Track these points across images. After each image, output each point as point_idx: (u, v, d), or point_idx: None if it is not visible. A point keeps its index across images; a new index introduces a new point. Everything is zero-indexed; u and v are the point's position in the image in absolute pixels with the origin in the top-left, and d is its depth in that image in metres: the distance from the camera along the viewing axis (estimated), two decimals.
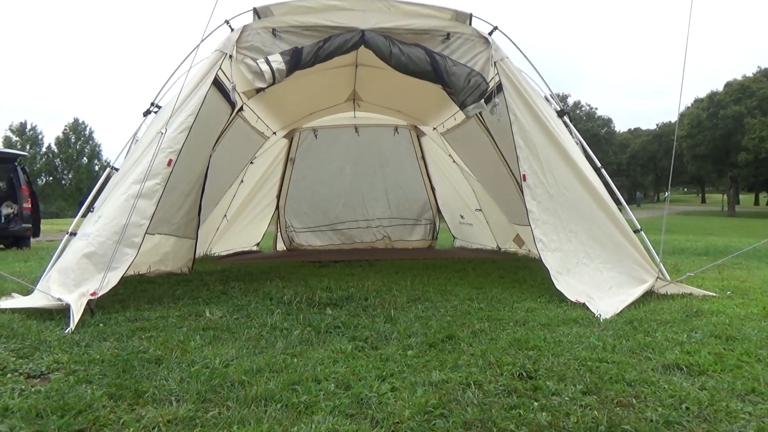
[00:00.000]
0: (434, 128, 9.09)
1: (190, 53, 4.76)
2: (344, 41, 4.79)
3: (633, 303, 4.25)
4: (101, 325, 3.50)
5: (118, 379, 2.45)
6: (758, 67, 53.58)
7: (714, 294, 4.72)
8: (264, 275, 6.08)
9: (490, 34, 5.01)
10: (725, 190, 51.90)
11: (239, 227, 9.71)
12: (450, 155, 9.49)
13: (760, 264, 7.69)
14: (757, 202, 73.67)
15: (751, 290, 4.96)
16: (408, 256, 8.54)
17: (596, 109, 76.78)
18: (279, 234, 10.31)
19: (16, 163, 12.52)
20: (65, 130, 64.11)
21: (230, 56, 4.76)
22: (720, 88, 50.45)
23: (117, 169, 4.87)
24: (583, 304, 4.18)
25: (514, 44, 5.15)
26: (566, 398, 2.25)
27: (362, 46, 4.84)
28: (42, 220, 13.17)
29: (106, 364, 2.68)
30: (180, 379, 2.44)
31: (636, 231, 5.01)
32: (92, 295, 3.78)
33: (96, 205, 4.68)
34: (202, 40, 4.63)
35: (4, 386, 2.38)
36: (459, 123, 7.91)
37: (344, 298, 4.51)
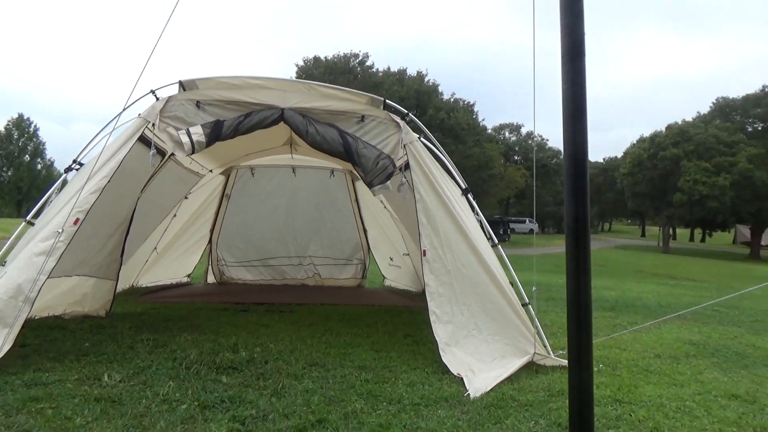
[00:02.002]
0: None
1: (113, 119, 5.00)
2: (264, 117, 5.12)
3: (512, 376, 4.70)
4: None
5: None
6: (697, 112, 56.82)
7: None
8: (180, 323, 6.28)
9: (403, 118, 5.44)
10: (661, 227, 54.37)
11: (170, 259, 9.82)
12: (381, 201, 9.90)
13: (658, 323, 8.26)
14: (692, 239, 77.49)
15: (621, 363, 5.47)
16: (332, 300, 8.84)
17: (548, 140, 79.24)
18: (210, 267, 10.47)
19: None
20: (8, 125, 61.90)
21: (153, 124, 5.01)
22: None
23: (33, 224, 5.02)
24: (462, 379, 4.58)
25: (424, 130, 5.59)
26: None
27: (281, 122, 5.19)
28: None
29: None
30: None
31: (524, 304, 5.48)
32: None
33: (8, 258, 4.82)
34: (125, 109, 4.88)
35: None
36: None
37: (246, 360, 4.79)
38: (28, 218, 5.09)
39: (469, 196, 5.80)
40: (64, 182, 5.13)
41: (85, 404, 3.58)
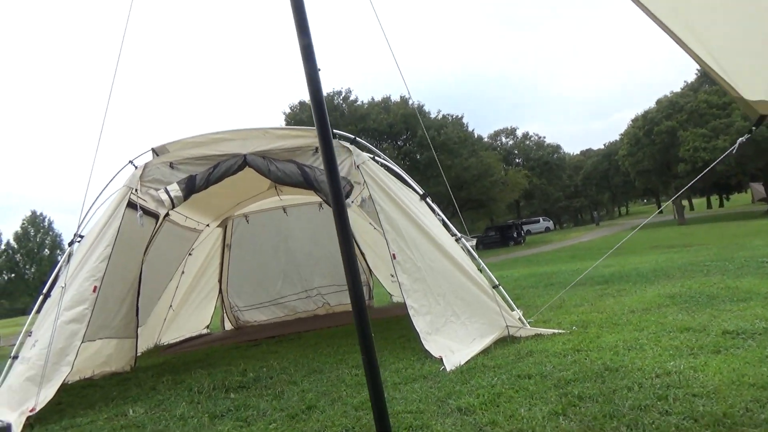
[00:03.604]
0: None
1: (102, 191, 5.75)
2: (230, 166, 5.84)
3: (488, 349, 5.25)
4: None
5: None
6: (684, 81, 57.15)
7: (561, 331, 5.73)
8: (196, 364, 6.91)
9: (351, 143, 6.13)
10: (672, 200, 54.23)
11: (186, 314, 10.51)
12: (370, 223, 10.55)
13: (645, 286, 8.70)
14: (709, 206, 76.77)
15: (594, 323, 5.98)
16: (340, 322, 9.42)
17: (545, 137, 79.77)
18: (225, 314, 11.14)
19: None
20: (23, 224, 64.03)
21: (135, 189, 5.75)
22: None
23: (49, 296, 5.72)
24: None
25: (372, 149, 6.29)
26: None
27: (246, 167, 5.90)
28: (6, 320, 13.70)
29: None
30: None
31: (494, 286, 6.04)
32: (31, 411, 4.61)
33: (33, 329, 5.51)
34: (111, 180, 5.63)
35: None
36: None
37: (253, 379, 5.40)
38: (44, 291, 5.79)
39: (427, 200, 6.43)
40: (70, 255, 5.84)
41: None
